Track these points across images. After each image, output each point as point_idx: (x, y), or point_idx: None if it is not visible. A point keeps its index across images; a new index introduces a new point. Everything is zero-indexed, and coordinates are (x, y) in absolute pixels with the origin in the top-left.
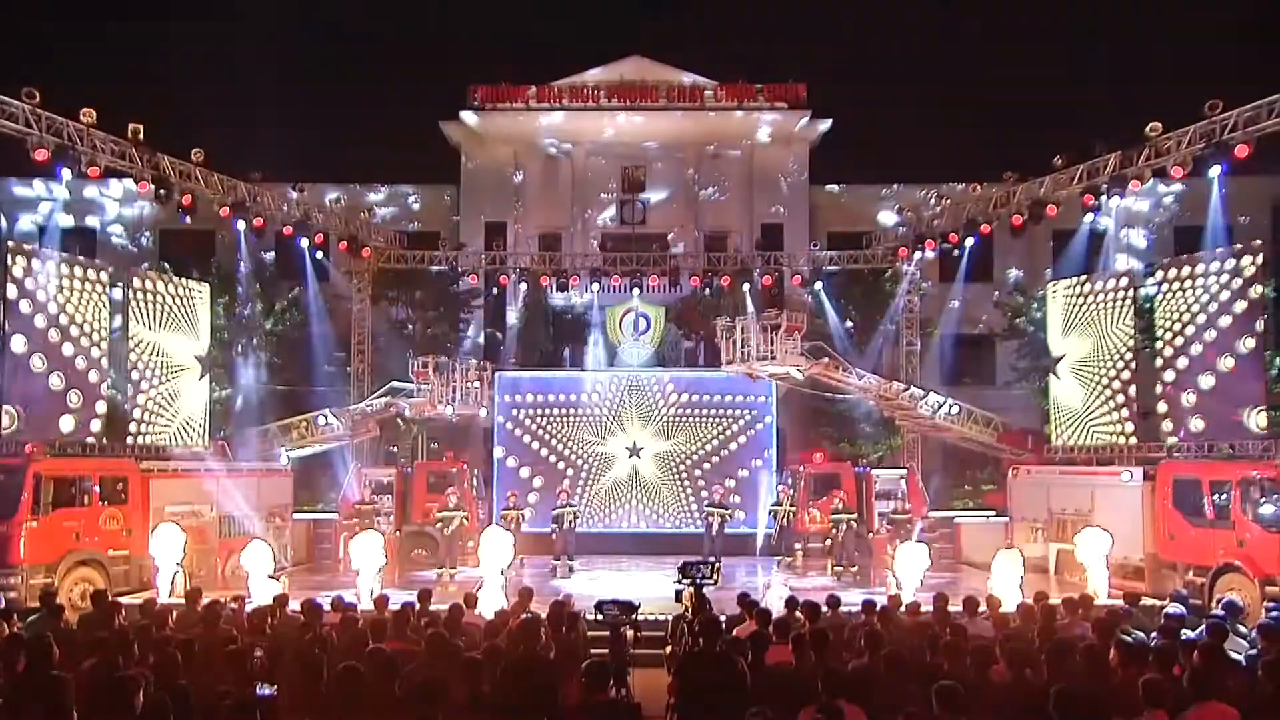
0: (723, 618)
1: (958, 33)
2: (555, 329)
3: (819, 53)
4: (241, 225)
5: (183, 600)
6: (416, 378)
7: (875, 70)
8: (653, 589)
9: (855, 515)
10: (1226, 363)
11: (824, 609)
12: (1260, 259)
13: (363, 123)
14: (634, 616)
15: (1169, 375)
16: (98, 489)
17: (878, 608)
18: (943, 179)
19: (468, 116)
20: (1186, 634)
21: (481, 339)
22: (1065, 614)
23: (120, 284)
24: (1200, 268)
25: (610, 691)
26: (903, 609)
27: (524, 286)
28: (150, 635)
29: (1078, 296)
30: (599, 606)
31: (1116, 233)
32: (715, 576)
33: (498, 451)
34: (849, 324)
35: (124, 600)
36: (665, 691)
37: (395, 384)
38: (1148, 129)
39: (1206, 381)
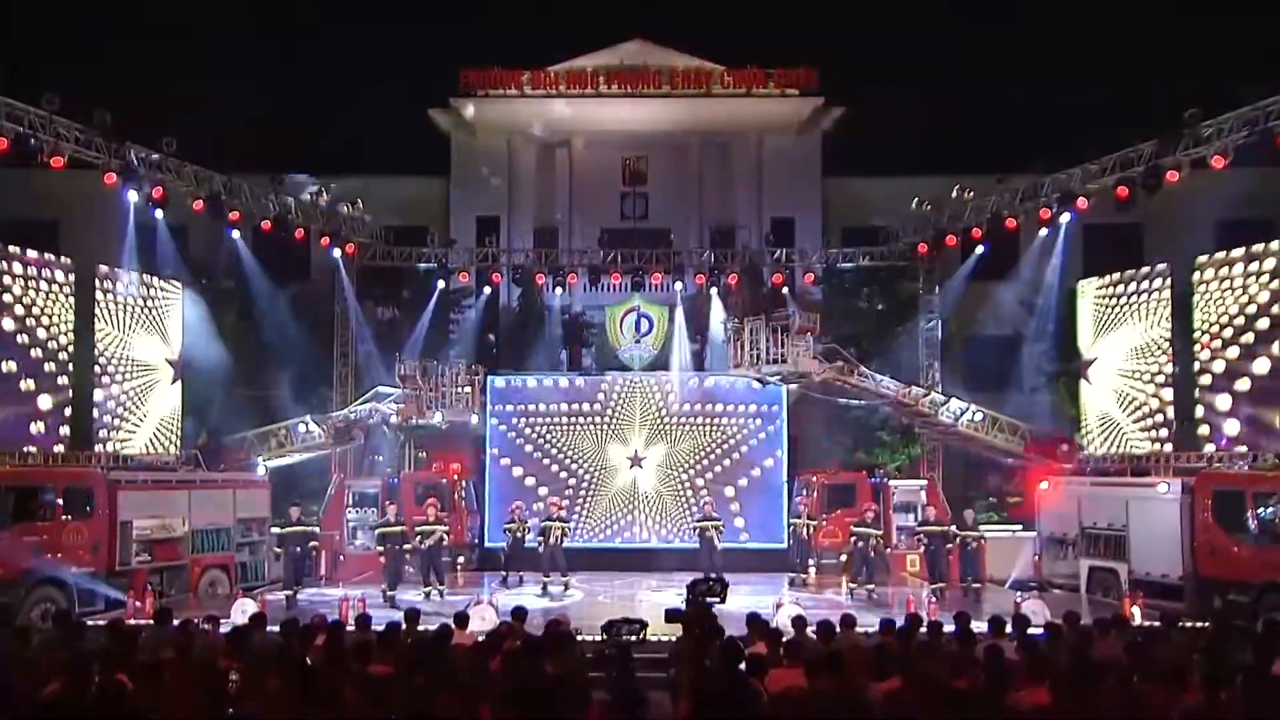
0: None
1: (981, 15)
2: (551, 330)
3: (833, 36)
4: (216, 219)
5: (152, 620)
6: (403, 382)
7: (893, 55)
8: (657, 608)
9: (881, 533)
10: (1262, 365)
11: (838, 629)
12: None
13: (347, 110)
14: (641, 637)
15: (1208, 379)
16: (61, 501)
17: (897, 628)
18: (965, 170)
19: (459, 104)
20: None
21: (473, 341)
22: (1098, 636)
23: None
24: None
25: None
26: (923, 629)
27: (518, 285)
28: (117, 658)
29: (1111, 295)
30: (606, 627)
31: (1150, 227)
32: (723, 594)
33: (490, 461)
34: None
35: (89, 621)
36: (670, 715)
37: (381, 389)
38: (1186, 115)
39: (1247, 385)
